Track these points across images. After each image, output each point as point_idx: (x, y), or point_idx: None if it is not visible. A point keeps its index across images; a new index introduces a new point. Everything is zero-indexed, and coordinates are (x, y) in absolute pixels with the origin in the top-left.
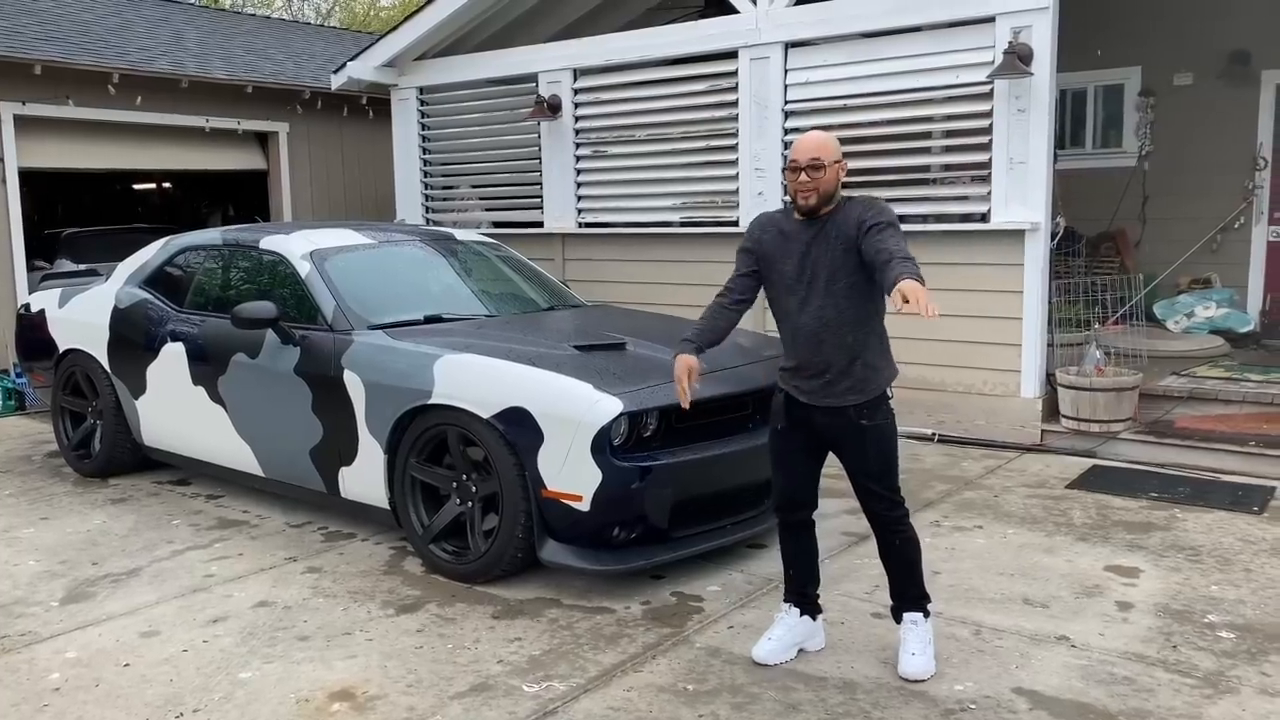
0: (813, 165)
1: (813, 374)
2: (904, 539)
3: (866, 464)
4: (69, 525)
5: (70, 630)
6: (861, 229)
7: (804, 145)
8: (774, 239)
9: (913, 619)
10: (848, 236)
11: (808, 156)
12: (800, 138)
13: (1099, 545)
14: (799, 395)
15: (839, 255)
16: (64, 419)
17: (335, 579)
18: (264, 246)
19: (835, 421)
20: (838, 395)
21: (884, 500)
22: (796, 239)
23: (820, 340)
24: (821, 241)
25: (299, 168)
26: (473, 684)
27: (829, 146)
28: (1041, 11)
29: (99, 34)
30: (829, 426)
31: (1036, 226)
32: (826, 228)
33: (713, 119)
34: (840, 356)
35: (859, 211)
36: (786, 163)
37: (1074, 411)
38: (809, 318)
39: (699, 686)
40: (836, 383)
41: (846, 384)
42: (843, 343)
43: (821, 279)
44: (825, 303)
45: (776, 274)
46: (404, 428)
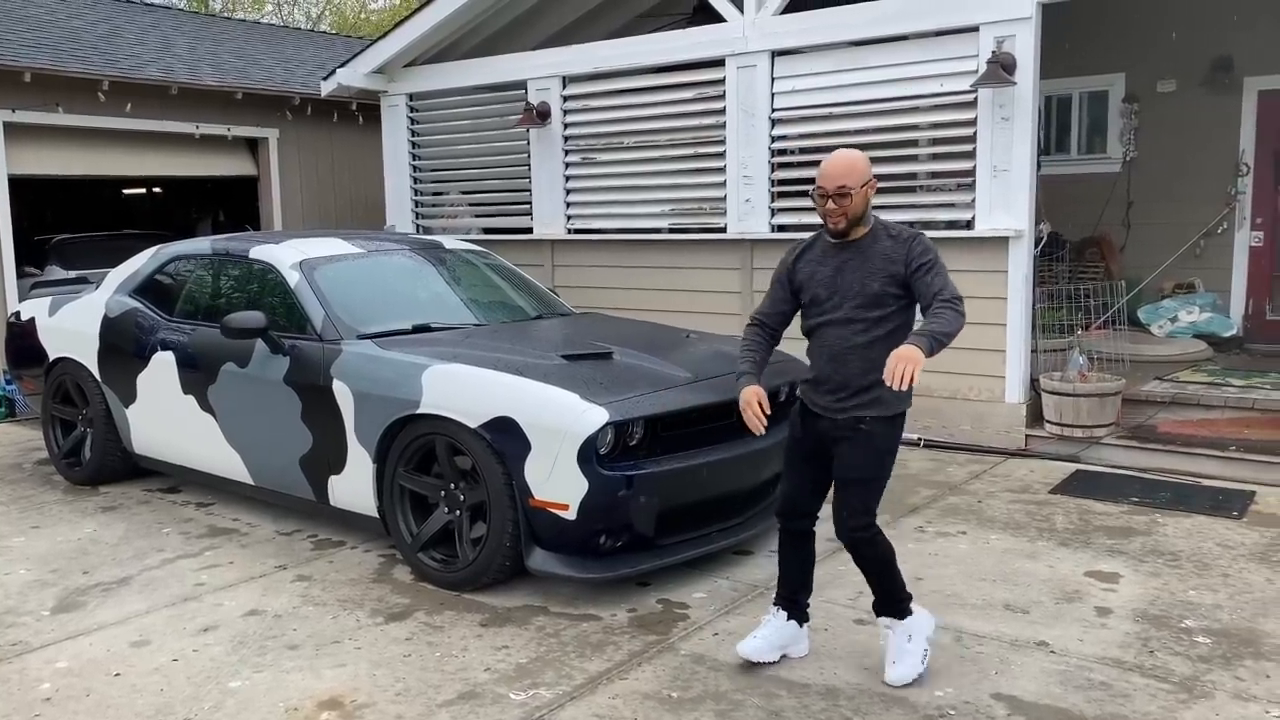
0: (840, 193)
1: (830, 389)
2: (878, 551)
3: (849, 470)
4: (60, 534)
5: (61, 640)
6: (909, 268)
7: (831, 171)
8: (806, 266)
9: (887, 624)
10: (892, 272)
11: (834, 185)
12: (828, 161)
13: (1080, 550)
14: (813, 407)
15: (877, 284)
16: (54, 427)
17: (325, 587)
18: (253, 256)
19: (836, 428)
20: (849, 410)
21: (857, 512)
22: (828, 262)
23: (844, 360)
24: (856, 266)
25: (289, 174)
26: (460, 692)
27: (857, 169)
28: (1024, 21)
29: (89, 41)
30: (832, 430)
31: (1020, 233)
32: (863, 253)
33: (700, 126)
34: (860, 378)
35: (904, 247)
36: (815, 187)
37: (1058, 417)
38: (834, 338)
39: (683, 693)
40: (850, 399)
41: (860, 400)
42: (869, 365)
43: (851, 302)
44: (853, 325)
45: (809, 296)
46: (392, 437)
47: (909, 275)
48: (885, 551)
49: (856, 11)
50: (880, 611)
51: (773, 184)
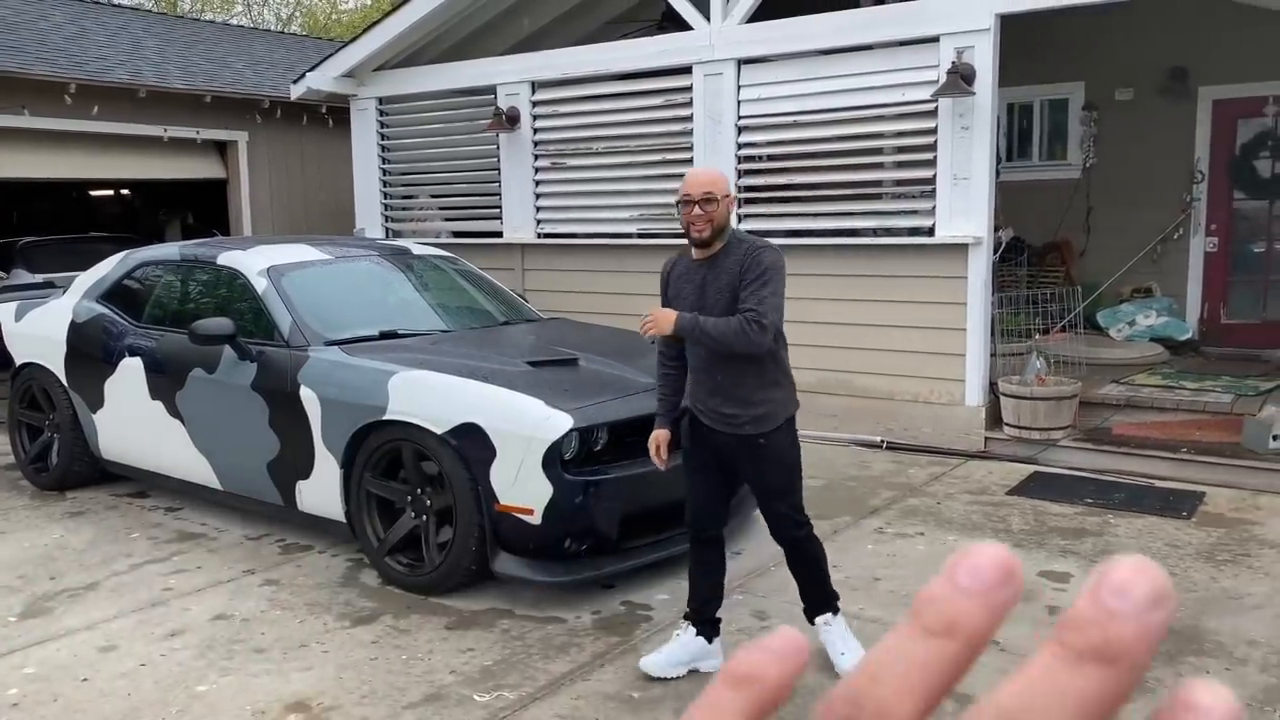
0: (706, 199)
1: (710, 402)
2: (809, 553)
3: (765, 483)
4: (26, 539)
5: (28, 646)
6: (744, 271)
7: (696, 180)
8: (677, 279)
9: (825, 620)
10: (732, 284)
11: (701, 190)
12: (690, 172)
13: (1034, 551)
14: (703, 418)
15: (725, 298)
16: (21, 432)
17: (292, 591)
18: (221, 262)
19: (733, 444)
20: (735, 425)
21: (786, 519)
22: (693, 278)
23: (713, 373)
24: (713, 281)
25: (258, 176)
26: (425, 694)
27: (721, 181)
28: (983, 33)
29: (56, 43)
30: (727, 448)
31: (979, 240)
32: (717, 267)
33: (668, 133)
34: (733, 389)
35: (746, 259)
36: (679, 196)
37: (1016, 419)
38: (704, 351)
39: (644, 693)
40: (732, 413)
41: (742, 415)
42: (734, 378)
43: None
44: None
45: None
46: (359, 442)
47: (740, 280)
48: (820, 548)
49: (821, 21)
50: (817, 610)
51: (739, 190)
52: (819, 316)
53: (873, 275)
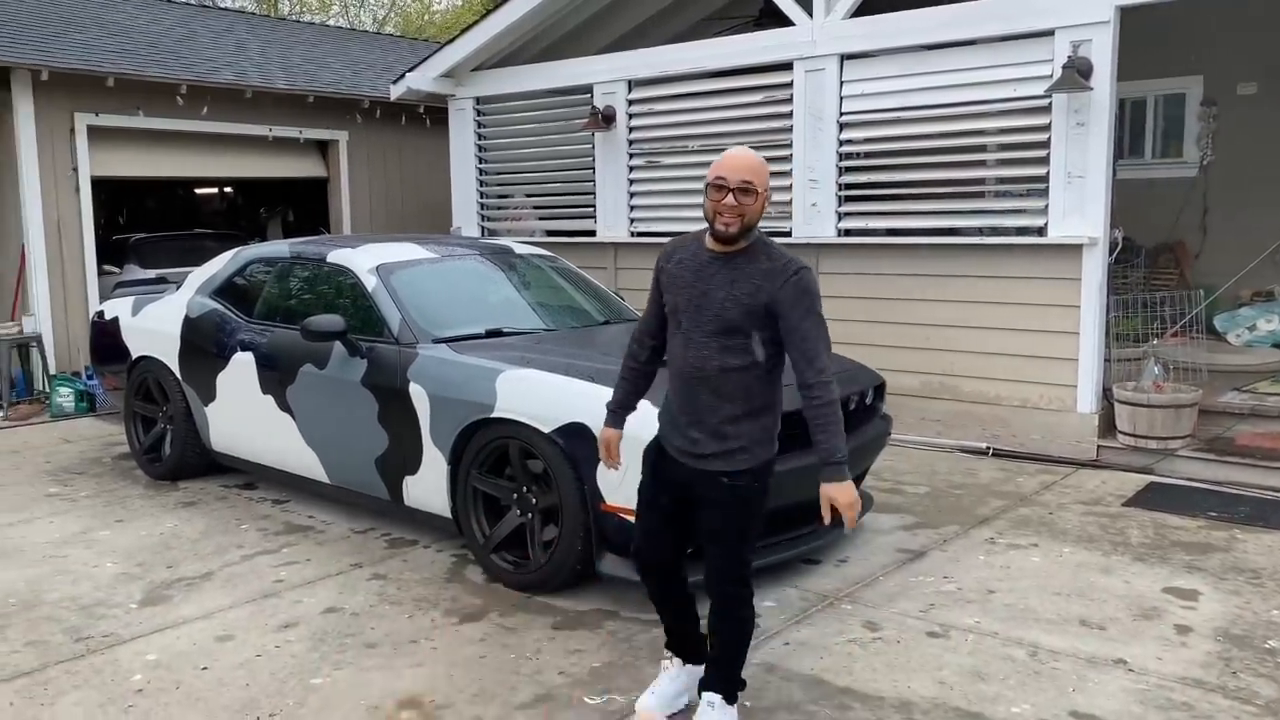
0: (743, 188)
1: (682, 426)
2: (741, 616)
3: (718, 529)
4: (143, 528)
5: (149, 633)
6: (780, 304)
7: (735, 164)
8: (675, 267)
9: (710, 700)
10: (759, 300)
11: (739, 177)
12: (729, 153)
13: (1157, 566)
14: (669, 449)
15: (738, 307)
16: (136, 423)
17: (400, 586)
18: (331, 260)
19: (697, 481)
20: (704, 460)
21: (732, 573)
22: (697, 270)
23: (694, 389)
24: (723, 282)
25: (358, 175)
26: (536, 694)
27: (763, 171)
28: (1102, 25)
29: (167, 46)
30: (691, 485)
31: (1094, 241)
32: (736, 268)
33: (766, 130)
34: (712, 415)
35: (780, 278)
36: (711, 177)
37: (1131, 428)
38: (688, 361)
39: (756, 703)
40: (704, 444)
41: (715, 447)
42: (718, 401)
43: (711, 323)
44: (709, 349)
45: (670, 305)
46: (467, 439)
47: (780, 311)
48: (751, 617)
49: (927, 15)
50: (711, 686)
51: (840, 188)
52: (921, 318)
53: (979, 276)
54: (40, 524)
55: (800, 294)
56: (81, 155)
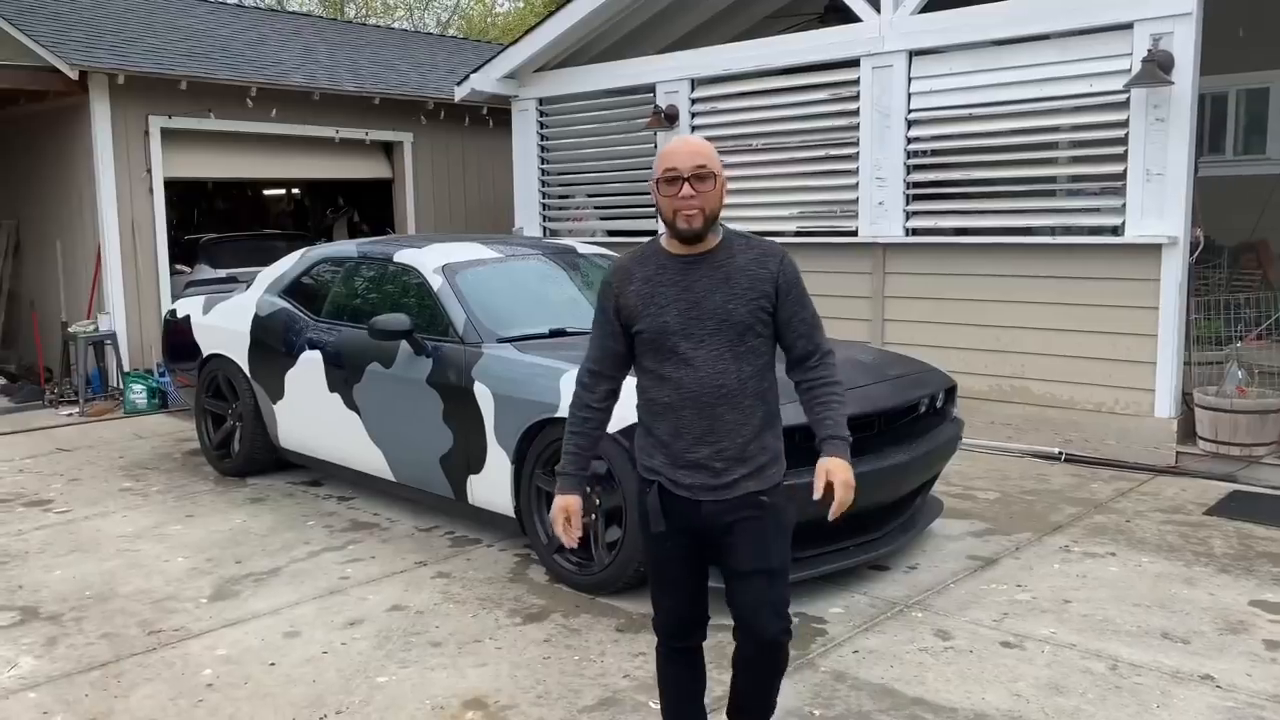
0: (698, 174)
1: (701, 459)
2: (780, 659)
3: (767, 559)
4: (213, 523)
5: (219, 628)
6: (779, 291)
7: (681, 150)
8: (641, 287)
9: None
10: (762, 292)
11: (692, 164)
12: (672, 142)
13: (1243, 578)
14: (678, 490)
15: (744, 309)
16: (206, 420)
17: (464, 585)
18: (397, 260)
19: (724, 511)
20: (731, 488)
21: (776, 609)
22: (672, 279)
23: (714, 411)
24: (714, 282)
25: (422, 176)
26: (600, 698)
27: (713, 153)
28: (1184, 17)
29: (237, 49)
30: (716, 517)
31: (1174, 240)
32: (720, 268)
33: (832, 128)
34: (737, 435)
35: (772, 263)
36: (660, 172)
37: (1212, 434)
38: (700, 382)
39: (825, 711)
40: (728, 470)
41: (742, 470)
42: (741, 415)
43: (718, 331)
44: (722, 361)
45: (651, 329)
46: (531, 439)
47: (777, 299)
48: (787, 662)
49: (999, 10)
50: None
51: (907, 186)
52: (990, 319)
53: (1051, 276)
54: (114, 518)
55: (795, 277)
56: (155, 157)
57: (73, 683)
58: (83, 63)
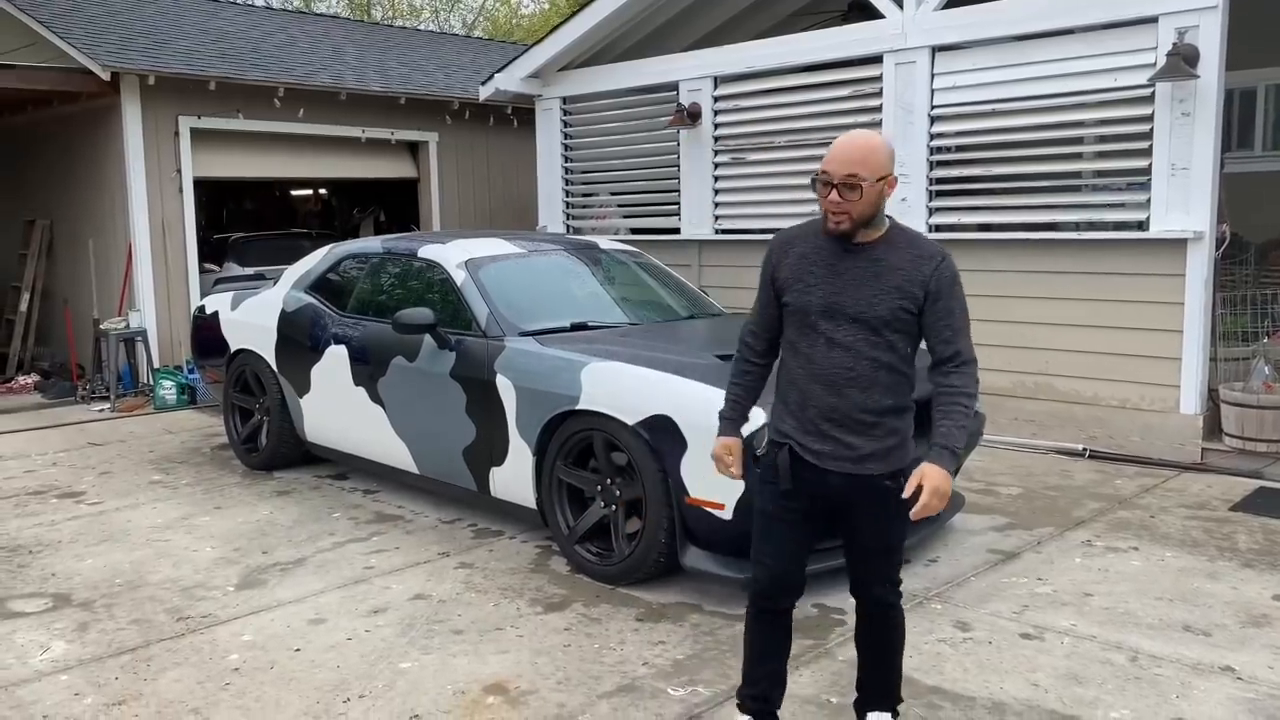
0: (847, 183)
1: (830, 432)
2: (895, 626)
3: (884, 538)
4: (240, 515)
5: (245, 615)
6: (929, 295)
7: (841, 154)
8: (796, 261)
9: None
10: (909, 293)
11: (844, 171)
12: (837, 142)
13: (1267, 573)
14: (807, 455)
15: (887, 305)
16: (234, 414)
17: (486, 575)
18: (422, 255)
19: (851, 487)
20: (855, 462)
21: (889, 582)
22: (826, 263)
23: (842, 392)
24: (864, 277)
25: (447, 175)
26: (619, 684)
27: (871, 160)
28: (1210, 11)
29: (267, 50)
30: (844, 493)
31: (1200, 235)
32: (876, 262)
33: (854, 125)
34: (863, 415)
35: (928, 266)
36: (819, 171)
37: (1239, 430)
38: (833, 363)
39: (843, 699)
40: (856, 445)
41: (869, 448)
42: (868, 400)
43: (857, 320)
44: (856, 348)
45: (796, 304)
46: (552, 431)
47: (925, 302)
48: (904, 625)
49: (1022, 5)
50: (879, 704)
51: (930, 182)
52: (1014, 316)
53: (1075, 272)
54: (144, 509)
55: (950, 282)
56: (185, 157)
57: (103, 666)
58: (115, 64)
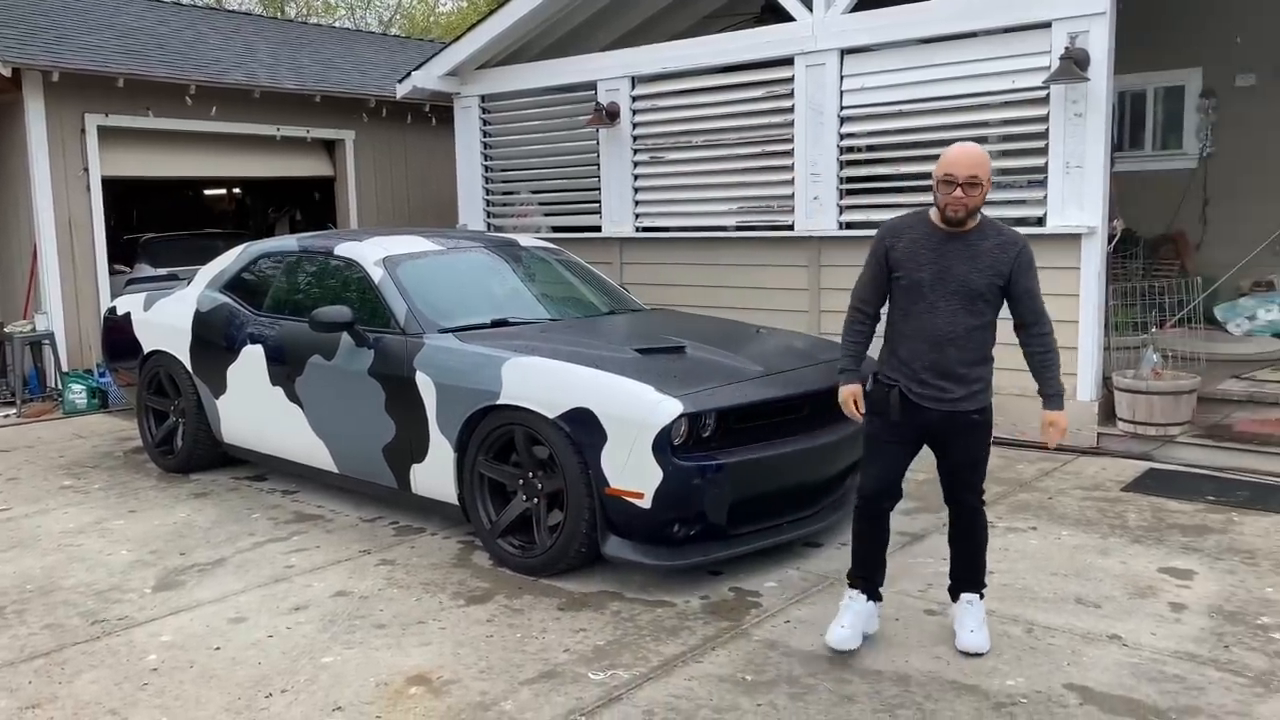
0: (970, 182)
1: (931, 380)
2: (982, 526)
3: (971, 456)
4: (156, 518)
5: (164, 616)
6: (1014, 274)
7: (962, 160)
8: (908, 245)
9: (969, 599)
10: (999, 271)
11: (967, 173)
12: (957, 149)
13: (1153, 547)
14: (913, 396)
15: (983, 280)
16: (148, 417)
17: (408, 571)
18: (338, 253)
19: (948, 421)
20: (951, 402)
21: (975, 491)
22: (934, 247)
23: (943, 349)
24: (963, 257)
25: (364, 174)
26: (541, 671)
27: (986, 164)
28: (1098, 16)
29: (175, 47)
30: (940, 425)
31: (1093, 230)
32: (971, 246)
33: (768, 125)
34: (959, 366)
35: (1013, 250)
36: (939, 175)
37: (1130, 415)
38: (937, 327)
39: (757, 677)
40: (952, 390)
41: (962, 391)
42: (964, 355)
43: (957, 293)
44: (956, 315)
45: (909, 279)
46: (473, 427)
47: (1010, 281)
48: (987, 525)
49: (926, 9)
50: (964, 588)
51: (841, 181)
52: None
53: None
54: (55, 515)
55: (1029, 263)
56: (92, 155)
57: (16, 671)
58: (16, 60)
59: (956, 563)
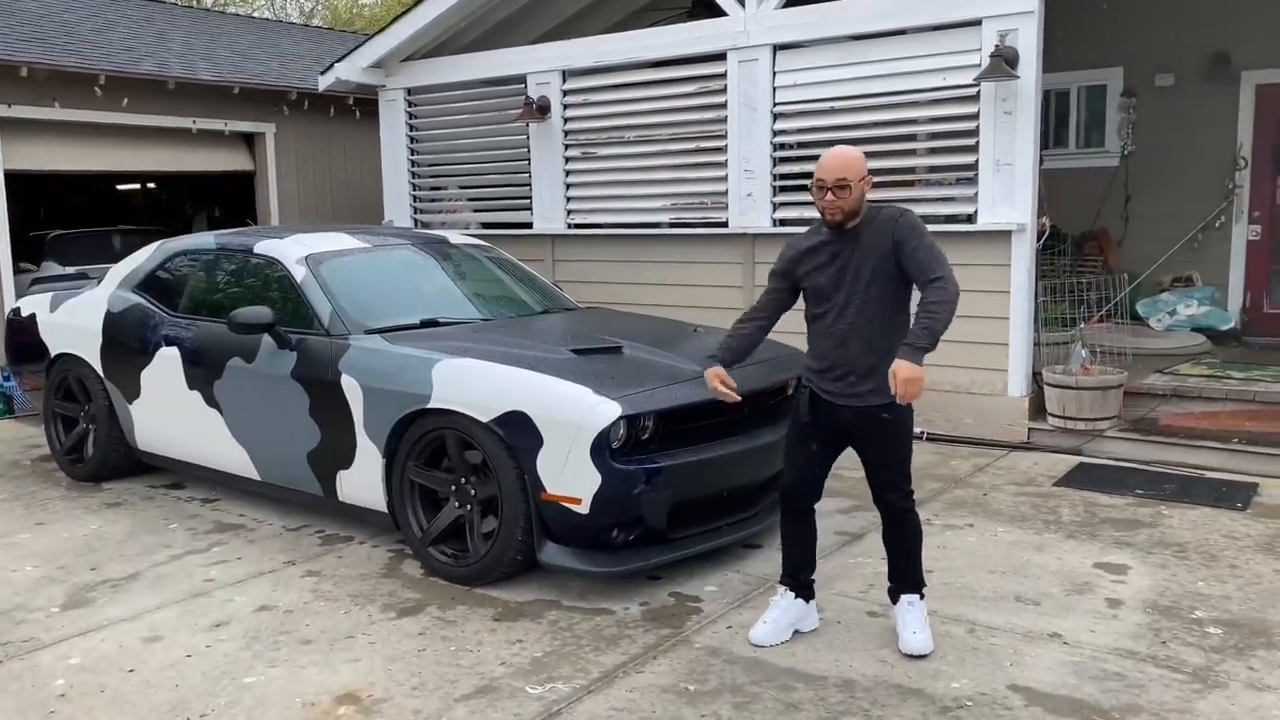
0: (839, 185)
1: (838, 376)
2: (913, 526)
3: (886, 455)
4: (64, 530)
5: (73, 636)
6: (896, 244)
7: (829, 165)
8: (804, 257)
9: (910, 599)
10: (882, 250)
11: (834, 177)
12: (827, 154)
13: (1087, 543)
14: (823, 394)
15: (872, 266)
16: (56, 423)
17: (335, 582)
18: (258, 251)
19: (858, 418)
20: (860, 396)
21: (898, 490)
22: (827, 252)
23: (847, 344)
24: (854, 254)
25: (286, 168)
26: (477, 686)
27: (855, 165)
28: (1027, 15)
29: (83, 35)
30: (852, 422)
31: (1023, 227)
32: (860, 239)
33: (702, 120)
34: (865, 359)
35: (889, 222)
36: (814, 180)
37: (1060, 410)
38: (842, 325)
39: (700, 686)
40: (860, 384)
41: (870, 385)
42: (869, 347)
43: (856, 289)
44: (858, 311)
45: (812, 285)
46: (402, 431)
47: (897, 253)
48: (919, 524)
49: (859, 5)
50: (903, 589)
51: (775, 178)
52: None
53: None
54: None
55: (910, 225)
56: None
57: None
58: None
59: (893, 564)
